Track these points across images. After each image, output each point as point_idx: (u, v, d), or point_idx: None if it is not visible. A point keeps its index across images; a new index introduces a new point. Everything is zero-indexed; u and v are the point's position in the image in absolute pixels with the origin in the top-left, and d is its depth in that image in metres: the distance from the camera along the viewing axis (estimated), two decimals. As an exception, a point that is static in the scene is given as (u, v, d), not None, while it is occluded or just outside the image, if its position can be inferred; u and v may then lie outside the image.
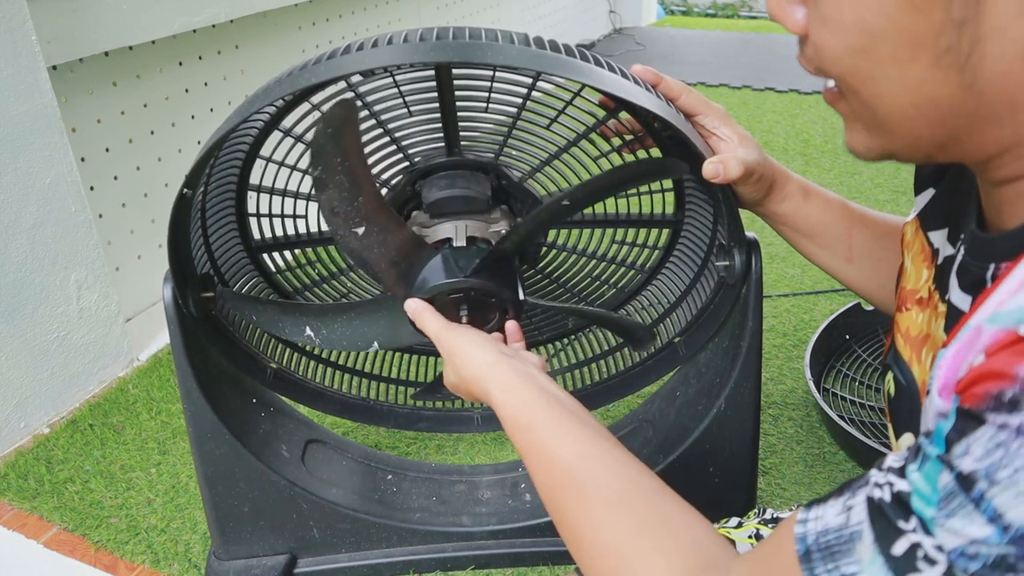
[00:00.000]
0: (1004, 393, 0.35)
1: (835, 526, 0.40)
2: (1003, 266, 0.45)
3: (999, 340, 0.37)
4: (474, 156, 0.82)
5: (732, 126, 0.76)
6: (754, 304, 0.85)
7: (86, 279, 1.36)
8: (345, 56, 0.65)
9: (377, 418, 1.04)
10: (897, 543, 0.37)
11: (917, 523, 0.37)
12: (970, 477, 0.35)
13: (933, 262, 0.58)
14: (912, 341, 0.58)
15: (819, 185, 0.80)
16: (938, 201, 0.61)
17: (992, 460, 0.35)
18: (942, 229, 0.58)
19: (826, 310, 1.59)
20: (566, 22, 3.83)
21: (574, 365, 1.02)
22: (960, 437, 0.36)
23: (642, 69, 0.72)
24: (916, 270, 0.60)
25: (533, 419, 0.59)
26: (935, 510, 0.36)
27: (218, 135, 0.69)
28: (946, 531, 0.36)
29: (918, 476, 0.38)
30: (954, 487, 0.36)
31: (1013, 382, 0.35)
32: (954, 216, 0.57)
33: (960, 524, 0.35)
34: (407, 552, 1.01)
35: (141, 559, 1.07)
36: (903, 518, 0.38)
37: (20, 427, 1.30)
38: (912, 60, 0.41)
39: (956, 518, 0.36)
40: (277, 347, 0.97)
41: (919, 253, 0.60)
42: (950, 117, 0.42)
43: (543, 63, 0.64)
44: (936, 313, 0.55)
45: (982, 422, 0.35)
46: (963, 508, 0.35)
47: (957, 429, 0.37)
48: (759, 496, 1.13)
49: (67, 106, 1.43)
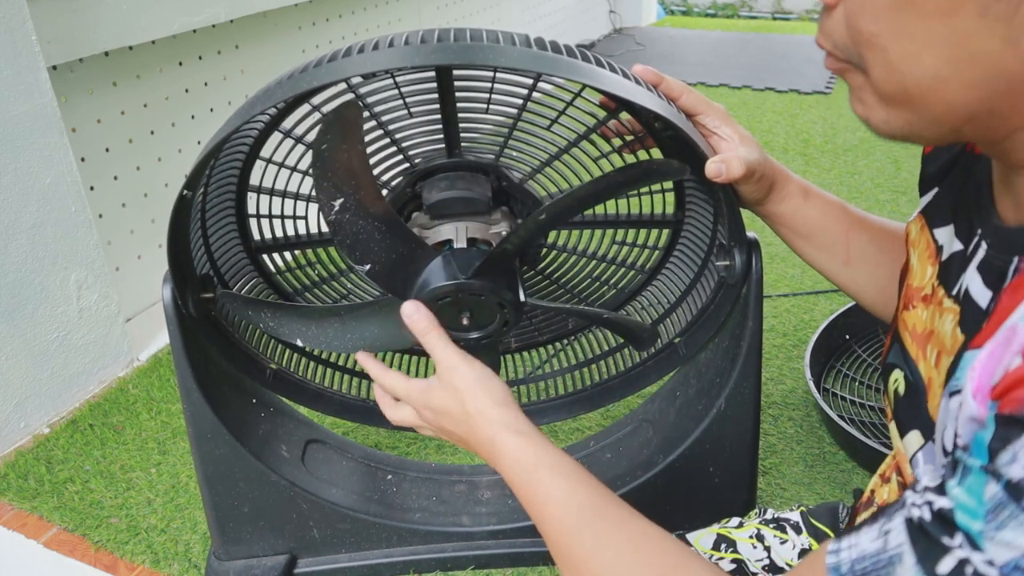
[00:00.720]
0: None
1: (872, 551, 0.39)
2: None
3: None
4: (474, 157, 0.82)
5: (733, 126, 0.76)
6: (754, 304, 0.85)
7: (86, 279, 1.36)
8: (346, 59, 0.65)
9: (377, 419, 1.04)
10: (942, 561, 0.36)
11: (963, 539, 0.35)
12: (1020, 485, 0.34)
13: (937, 258, 0.57)
14: (918, 338, 0.58)
15: (819, 186, 0.80)
16: (942, 198, 0.60)
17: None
18: (947, 225, 0.58)
19: (826, 310, 1.59)
20: (566, 22, 3.83)
21: (574, 366, 1.02)
22: (1005, 445, 0.35)
23: (643, 69, 0.73)
24: (921, 267, 0.60)
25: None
26: (983, 523, 0.35)
27: (218, 138, 0.69)
28: (997, 544, 0.34)
29: (960, 491, 0.36)
30: (1003, 497, 0.34)
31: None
32: (962, 212, 0.56)
33: (1013, 535, 0.34)
34: (407, 552, 1.01)
35: (141, 559, 1.07)
36: (947, 535, 0.36)
37: (20, 427, 1.30)
38: (957, 10, 0.39)
39: (1008, 529, 0.34)
40: (277, 348, 0.97)
41: (925, 250, 0.60)
42: (987, 80, 0.40)
43: (544, 64, 0.64)
44: (940, 309, 0.55)
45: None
46: (1015, 519, 0.34)
47: (1000, 437, 0.35)
48: (759, 496, 1.13)
49: (67, 106, 1.43)
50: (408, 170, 0.83)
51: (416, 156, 0.83)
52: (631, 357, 1.00)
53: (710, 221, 0.86)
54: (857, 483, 1.17)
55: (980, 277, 0.49)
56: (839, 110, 2.85)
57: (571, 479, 0.58)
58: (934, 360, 0.54)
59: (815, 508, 0.83)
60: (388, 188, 0.84)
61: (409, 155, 0.82)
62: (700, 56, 3.72)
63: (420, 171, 0.82)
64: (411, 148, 0.82)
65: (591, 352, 1.02)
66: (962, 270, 0.52)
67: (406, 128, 0.80)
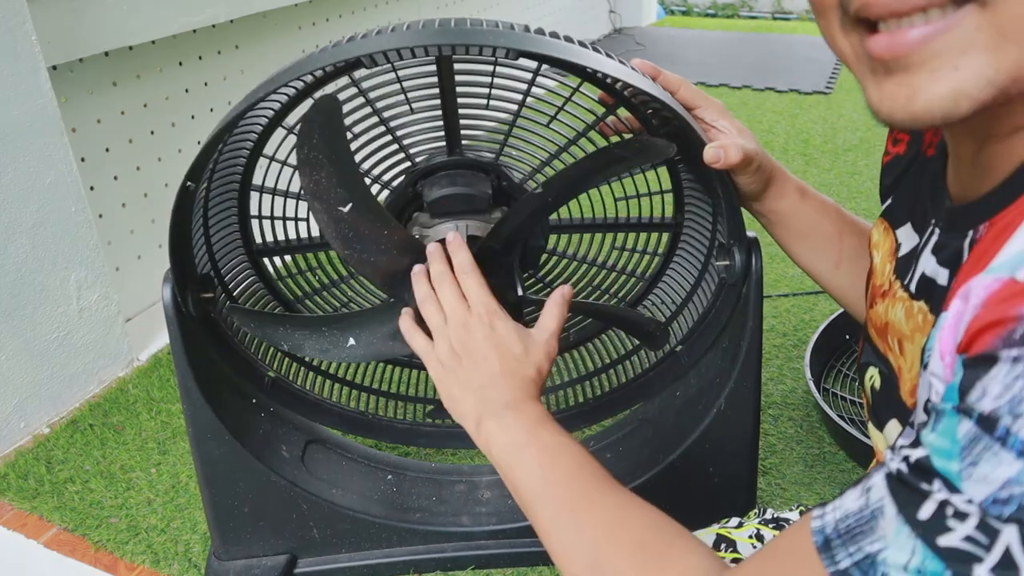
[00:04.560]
0: (1013, 332, 0.34)
1: (855, 509, 0.39)
2: (981, 228, 0.45)
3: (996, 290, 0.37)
4: (475, 156, 0.82)
5: (730, 119, 0.77)
6: (754, 304, 0.85)
7: (86, 279, 1.36)
8: (350, 43, 0.66)
9: (376, 432, 1.04)
10: (923, 507, 0.36)
11: (941, 483, 0.36)
12: (991, 416, 0.34)
13: (895, 255, 0.59)
14: (880, 331, 0.59)
15: (819, 186, 0.80)
16: (899, 199, 0.62)
17: (1012, 394, 0.34)
18: (906, 224, 0.59)
19: (826, 310, 1.59)
20: (566, 22, 3.84)
21: (574, 380, 1.01)
22: (974, 383, 0.35)
23: (641, 63, 0.73)
24: (883, 266, 0.61)
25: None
26: (959, 462, 0.35)
27: (220, 126, 0.70)
28: (974, 481, 0.34)
29: (934, 436, 0.37)
30: (976, 432, 0.35)
31: (1018, 321, 0.34)
32: (917, 208, 0.58)
33: (988, 468, 0.34)
34: (407, 552, 1.01)
35: (141, 559, 1.07)
36: (926, 481, 0.36)
37: (20, 427, 1.30)
38: None
39: (983, 463, 0.34)
40: (276, 356, 0.97)
41: (888, 251, 0.62)
42: None
43: (543, 46, 0.64)
44: (894, 300, 0.57)
45: (995, 361, 0.35)
46: (989, 450, 0.34)
47: (969, 378, 0.36)
48: (759, 496, 1.12)
49: (67, 106, 1.43)
50: (409, 169, 0.83)
51: (417, 154, 0.83)
52: (632, 368, 1.00)
53: (709, 221, 0.86)
54: (857, 483, 1.17)
55: (934, 258, 0.51)
56: (839, 110, 2.85)
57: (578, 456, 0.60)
58: (899, 349, 0.56)
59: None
60: (389, 188, 0.84)
61: (410, 153, 0.82)
62: (700, 56, 3.72)
63: (421, 170, 0.82)
64: (412, 146, 0.82)
65: (591, 366, 1.01)
66: (916, 259, 0.54)
67: (407, 124, 0.80)
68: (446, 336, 0.66)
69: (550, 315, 0.68)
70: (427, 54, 0.68)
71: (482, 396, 0.64)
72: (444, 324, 0.66)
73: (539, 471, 0.59)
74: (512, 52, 0.66)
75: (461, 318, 0.66)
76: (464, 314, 0.66)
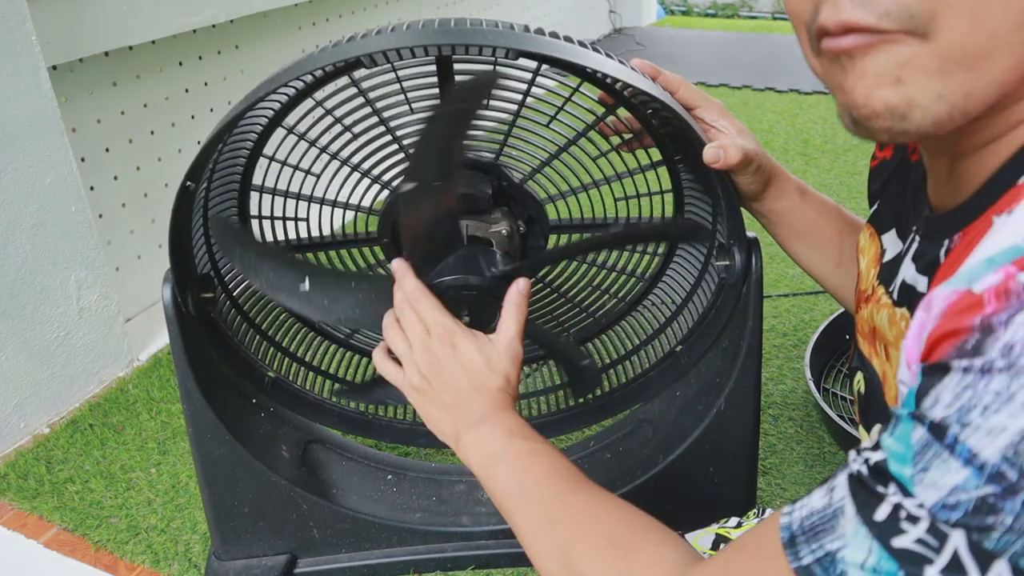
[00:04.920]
0: (966, 343, 0.36)
1: (819, 507, 0.41)
2: (956, 238, 0.47)
3: (954, 301, 0.38)
4: (475, 156, 0.82)
5: (730, 119, 0.77)
6: (754, 304, 0.85)
7: (86, 279, 1.36)
8: (349, 43, 0.66)
9: (375, 432, 1.04)
10: (879, 509, 0.38)
11: (896, 486, 0.37)
12: (941, 424, 0.36)
13: (880, 260, 0.60)
14: (867, 336, 0.60)
15: (819, 186, 0.81)
16: (885, 205, 0.63)
17: (961, 403, 0.35)
18: (891, 230, 0.61)
19: (826, 310, 1.59)
20: (566, 22, 3.84)
21: None
22: (928, 390, 0.37)
23: (641, 63, 0.73)
24: (867, 271, 0.62)
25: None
26: (911, 467, 0.37)
27: (220, 126, 0.70)
28: (925, 486, 0.36)
29: (891, 440, 0.38)
30: (927, 439, 0.36)
31: (971, 332, 0.36)
32: (901, 214, 0.59)
33: (937, 474, 0.35)
34: (407, 552, 1.01)
35: (141, 559, 1.07)
36: (882, 484, 0.38)
37: (20, 427, 1.30)
38: None
39: (932, 469, 0.36)
40: (276, 356, 0.97)
41: (873, 256, 0.63)
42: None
43: (543, 46, 0.64)
44: (878, 306, 0.58)
45: (948, 370, 0.36)
46: (938, 457, 0.35)
47: (924, 385, 0.37)
48: (759, 496, 1.12)
49: (67, 106, 1.43)
50: (409, 169, 0.83)
51: (417, 155, 0.83)
52: (632, 368, 1.00)
53: (709, 221, 0.86)
54: (857, 483, 1.17)
55: (913, 266, 0.52)
56: (839, 110, 2.85)
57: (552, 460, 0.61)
58: (884, 355, 0.57)
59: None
60: (389, 188, 0.84)
61: (410, 153, 0.82)
62: (700, 56, 3.72)
63: (420, 170, 0.81)
64: (413, 146, 0.82)
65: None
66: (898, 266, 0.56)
67: (408, 124, 0.80)
68: (414, 362, 0.66)
69: (509, 318, 0.67)
70: (427, 54, 0.68)
71: (455, 414, 0.64)
72: (410, 351, 0.67)
73: (514, 478, 0.60)
74: (512, 52, 0.66)
75: (423, 343, 0.66)
76: (425, 338, 0.65)
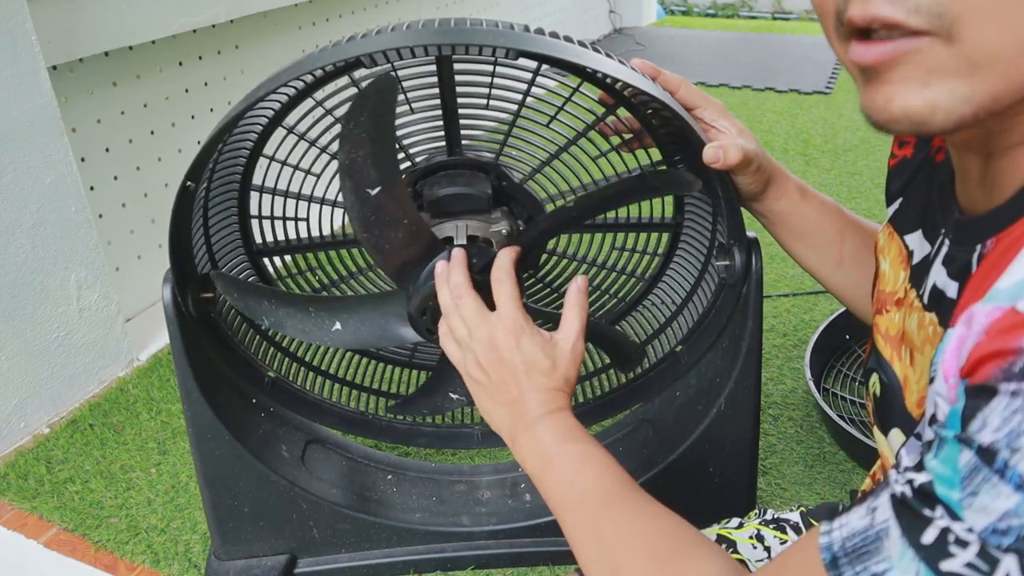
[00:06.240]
0: (1013, 365, 0.35)
1: (861, 528, 0.40)
2: (988, 243, 0.46)
3: (997, 319, 0.37)
4: (475, 156, 0.82)
5: (730, 119, 0.77)
6: (754, 304, 0.85)
7: (86, 279, 1.36)
8: (349, 43, 0.65)
9: (376, 432, 1.04)
10: (926, 532, 0.37)
11: (943, 510, 0.37)
12: (990, 449, 0.35)
13: (908, 263, 0.59)
14: (892, 340, 0.59)
15: (819, 186, 0.80)
16: (908, 205, 0.62)
17: (1011, 427, 0.34)
18: (916, 231, 0.59)
19: (826, 310, 1.59)
20: (566, 22, 3.84)
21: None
22: (975, 413, 0.36)
23: (641, 63, 0.73)
24: (894, 273, 0.61)
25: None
26: (959, 492, 0.36)
27: (220, 126, 0.70)
28: (974, 511, 0.35)
29: (936, 463, 0.37)
30: (976, 463, 0.35)
31: (1018, 354, 0.35)
32: (927, 216, 0.58)
33: (988, 499, 0.35)
34: (407, 552, 1.01)
35: (141, 559, 1.07)
36: (929, 507, 0.37)
37: (20, 427, 1.30)
38: None
39: (982, 494, 0.35)
40: (276, 356, 0.97)
41: (897, 256, 0.61)
42: None
43: (543, 46, 0.64)
44: (911, 310, 0.56)
45: (995, 393, 0.35)
46: (987, 482, 0.35)
47: (970, 407, 0.36)
48: (759, 496, 1.13)
49: (67, 106, 1.43)
50: (409, 169, 0.83)
51: (417, 154, 0.83)
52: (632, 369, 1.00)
53: (709, 221, 0.86)
54: (857, 483, 1.17)
55: (944, 270, 0.51)
56: (839, 110, 2.85)
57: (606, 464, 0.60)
58: (908, 359, 0.56)
59: (815, 508, 0.82)
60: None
61: (410, 153, 0.82)
62: (700, 56, 3.72)
63: (421, 170, 0.82)
64: (412, 145, 0.82)
65: (592, 365, 1.01)
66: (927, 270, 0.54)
67: (408, 124, 0.80)
68: (472, 351, 0.66)
69: (572, 315, 0.67)
70: (427, 54, 0.68)
71: (512, 412, 0.64)
72: (469, 337, 0.66)
73: (565, 482, 0.60)
74: (512, 52, 0.66)
75: (486, 335, 0.65)
76: (489, 330, 0.65)
